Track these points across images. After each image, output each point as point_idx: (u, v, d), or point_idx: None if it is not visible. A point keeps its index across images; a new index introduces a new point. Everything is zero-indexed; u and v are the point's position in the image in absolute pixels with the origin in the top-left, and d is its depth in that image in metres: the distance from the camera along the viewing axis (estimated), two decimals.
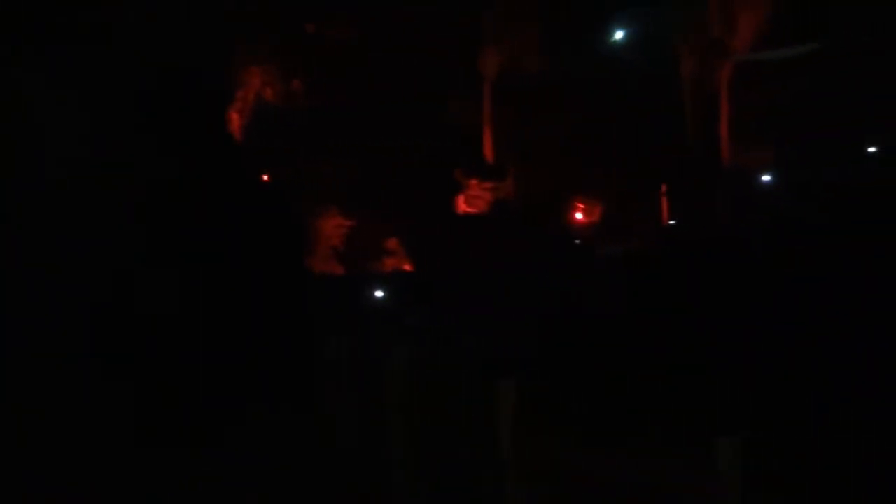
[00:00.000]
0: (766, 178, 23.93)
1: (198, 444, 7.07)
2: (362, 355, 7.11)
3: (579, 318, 11.94)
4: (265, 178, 20.20)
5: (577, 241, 24.91)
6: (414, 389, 6.28)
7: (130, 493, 6.19)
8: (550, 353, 10.03)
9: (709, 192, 23.13)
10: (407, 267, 22.86)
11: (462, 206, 25.86)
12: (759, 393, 7.99)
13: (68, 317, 8.96)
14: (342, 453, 6.96)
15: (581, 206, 26.07)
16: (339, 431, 7.06)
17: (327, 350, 7.39)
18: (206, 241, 11.24)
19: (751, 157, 24.90)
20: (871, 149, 22.93)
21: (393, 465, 6.26)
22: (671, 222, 24.51)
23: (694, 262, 15.93)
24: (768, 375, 8.50)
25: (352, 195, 21.57)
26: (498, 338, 11.03)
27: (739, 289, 12.46)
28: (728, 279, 13.19)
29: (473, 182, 25.92)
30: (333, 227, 21.13)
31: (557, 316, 12.41)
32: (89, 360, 8.44)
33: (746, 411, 7.17)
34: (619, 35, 27.45)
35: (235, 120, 19.66)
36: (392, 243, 22.71)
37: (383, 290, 18.14)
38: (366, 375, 6.86)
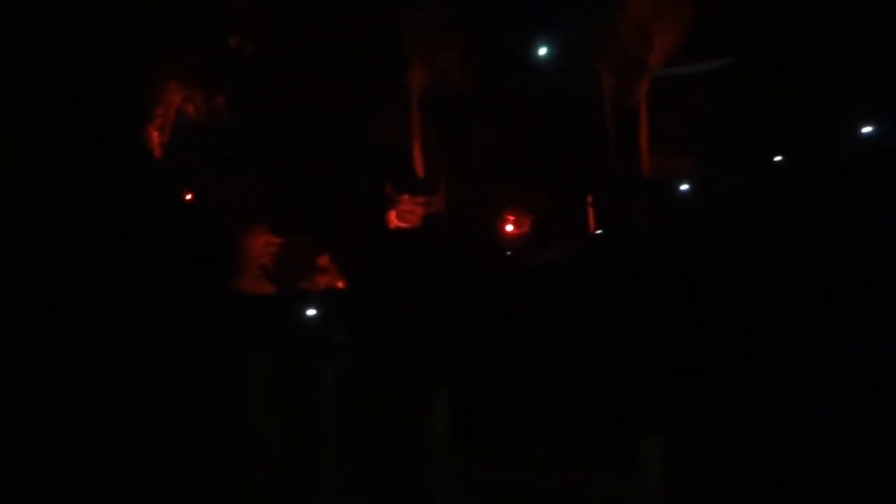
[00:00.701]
0: (684, 187, 25.04)
1: (113, 481, 6.74)
2: (290, 375, 6.96)
3: (509, 329, 12.07)
4: (188, 196, 19.62)
5: (508, 253, 25.28)
6: (343, 407, 6.19)
7: None
8: (481, 365, 10.09)
9: (631, 202, 23.95)
10: (340, 284, 22.59)
11: (394, 221, 25.84)
12: (683, 397, 8.25)
13: None
14: (271, 475, 6.77)
15: (511, 218, 26.51)
16: (267, 453, 6.87)
17: (253, 371, 7.20)
18: (119, 259, 10.80)
19: (670, 167, 26.00)
20: (777, 158, 24.38)
21: (324, 483, 6.13)
22: (598, 231, 25.22)
23: (618, 268, 16.40)
24: (691, 378, 8.80)
25: (280, 213, 21.18)
26: (429, 352, 11.02)
27: (660, 293, 12.88)
28: (649, 284, 13.63)
29: (405, 197, 25.97)
30: (262, 245, 20.65)
31: (488, 328, 12.51)
32: None
33: (669, 416, 7.39)
34: (542, 51, 28.23)
35: (155, 137, 19.00)
36: (324, 260, 22.41)
37: (315, 308, 17.86)
38: (294, 395, 6.72)
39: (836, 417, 7.26)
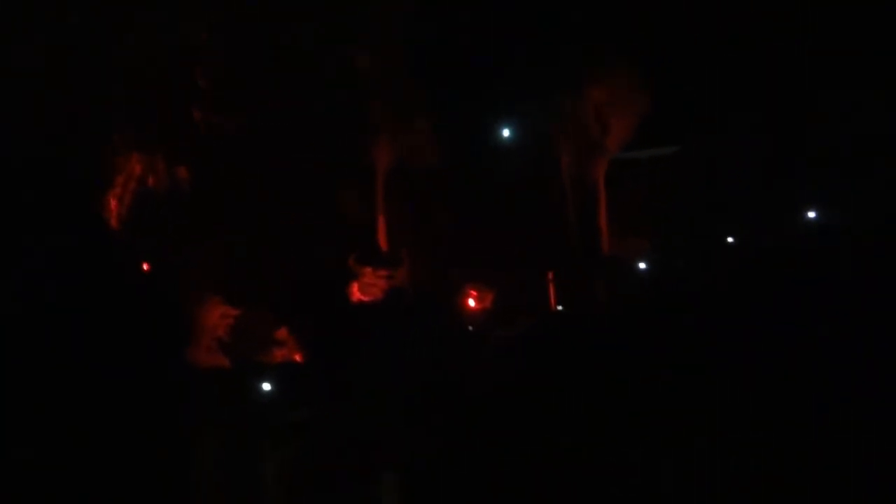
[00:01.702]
0: (641, 265, 25.64)
1: None
2: (238, 457, 6.71)
3: (468, 407, 11.90)
4: (144, 266, 19.24)
5: (469, 328, 25.22)
6: (291, 485, 5.98)
7: None
8: (437, 444, 9.86)
9: (590, 278, 24.35)
10: (298, 357, 22.08)
11: (356, 293, 25.66)
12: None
13: None
14: None
15: (474, 293, 26.61)
16: None
17: (200, 454, 6.93)
18: (68, 329, 10.48)
19: (628, 245, 26.69)
20: (730, 239, 25.34)
21: None
22: (559, 307, 25.45)
23: (579, 346, 16.50)
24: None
25: (238, 284, 20.82)
26: (386, 429, 10.76)
27: (618, 369, 12.96)
28: (608, 360, 13.73)
29: (367, 270, 25.91)
30: (219, 316, 20.15)
31: (446, 405, 12.32)
32: None
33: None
34: (506, 132, 29.22)
35: (114, 206, 18.74)
36: (282, 333, 21.96)
37: (271, 383, 17.37)
38: (242, 478, 6.47)
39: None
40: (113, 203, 18.65)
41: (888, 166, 23.49)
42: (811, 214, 24.80)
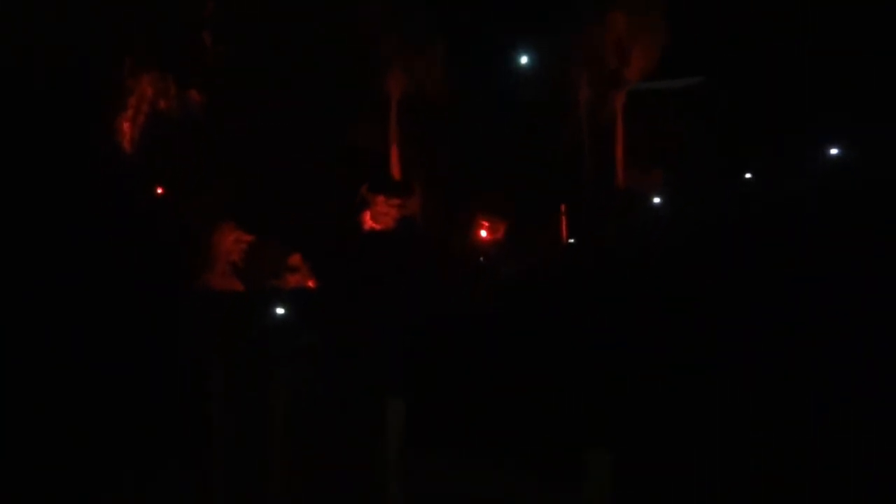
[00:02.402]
0: (656, 200, 25.42)
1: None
2: (251, 376, 6.95)
3: (475, 336, 12.17)
4: (159, 190, 19.38)
5: (481, 259, 25.40)
6: (299, 410, 6.20)
7: None
8: (443, 371, 10.15)
9: (604, 213, 24.26)
10: (310, 284, 22.47)
11: (368, 222, 25.79)
12: (634, 408, 8.43)
13: None
14: (225, 478, 6.76)
15: (485, 224, 26.63)
16: (222, 455, 6.85)
17: (213, 373, 7.17)
18: (82, 253, 10.66)
19: (643, 180, 26.39)
20: (748, 175, 24.94)
21: (276, 487, 6.14)
22: (570, 241, 25.47)
23: (587, 281, 16.62)
24: (644, 391, 8.99)
25: (253, 210, 20.97)
26: (392, 356, 11.06)
27: (626, 307, 13.10)
28: (616, 298, 13.86)
29: (380, 199, 25.93)
30: (232, 242, 20.39)
31: (454, 334, 12.59)
32: None
33: (619, 425, 7.55)
34: (522, 60, 28.46)
35: (127, 129, 18.68)
36: (295, 259, 22.26)
37: (284, 308, 17.75)
38: (251, 397, 6.71)
39: (781, 433, 7.49)
40: (126, 126, 18.60)
41: None
42: (833, 151, 24.24)
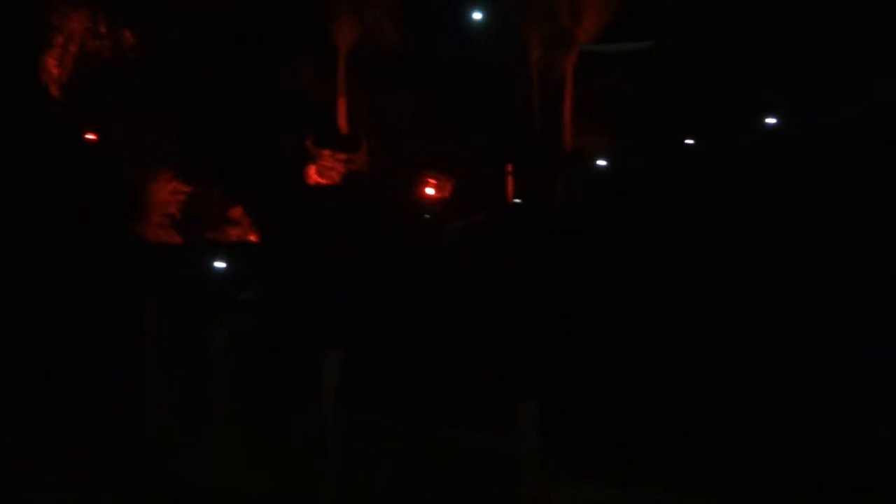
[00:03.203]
0: (601, 162, 25.73)
1: None
2: (186, 330, 6.75)
3: (418, 291, 12.17)
4: (90, 136, 18.39)
5: (426, 216, 25.31)
6: (236, 365, 6.08)
7: None
8: (386, 325, 10.14)
9: (551, 173, 24.41)
10: (252, 238, 21.94)
11: (314, 176, 25.26)
12: (563, 360, 8.64)
13: None
14: (157, 430, 6.61)
15: (433, 181, 26.48)
16: (155, 408, 6.68)
17: (147, 324, 6.93)
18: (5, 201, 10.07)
19: (589, 141, 26.63)
20: (689, 141, 25.49)
21: (214, 441, 6.04)
22: (516, 200, 25.60)
23: (529, 239, 16.78)
24: (572, 344, 9.21)
25: (192, 160, 20.13)
26: (332, 311, 10.95)
27: (567, 266, 13.30)
28: (558, 256, 14.04)
29: (326, 153, 25.38)
30: (170, 192, 19.58)
31: (397, 288, 12.56)
32: None
33: (548, 376, 7.74)
34: (475, 16, 27.96)
35: (54, 69, 17.46)
36: (237, 212, 21.64)
37: (224, 262, 17.26)
38: (187, 351, 6.54)
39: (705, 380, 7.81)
40: (52, 66, 17.40)
41: (845, 75, 23.56)
42: (771, 120, 24.98)
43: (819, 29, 24.12)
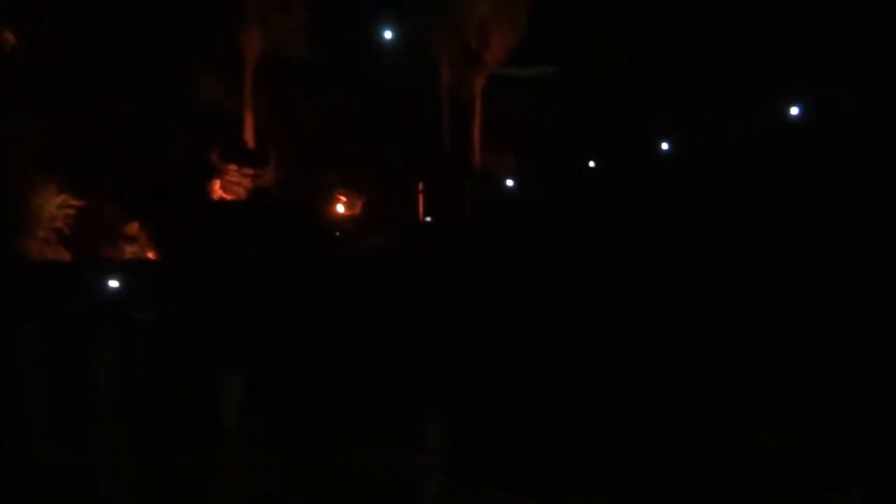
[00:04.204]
0: (508, 182, 26.47)
1: None
2: (74, 352, 6.27)
3: (324, 309, 11.97)
4: None
5: (336, 234, 25.03)
6: (128, 387, 5.71)
7: None
8: (286, 346, 9.89)
9: (460, 192, 24.80)
10: (150, 255, 20.83)
11: (218, 191, 24.40)
12: (469, 376, 8.75)
13: None
14: (44, 459, 6.10)
15: (343, 198, 26.24)
16: (39, 435, 6.16)
17: (25, 348, 6.39)
18: None
19: (497, 162, 27.35)
20: (591, 164, 26.77)
21: (104, 467, 5.62)
22: (427, 218, 25.81)
23: (440, 257, 16.96)
24: (482, 360, 9.35)
25: (83, 171, 18.85)
26: (235, 330, 10.57)
27: (475, 283, 13.54)
28: (465, 274, 14.28)
29: (232, 167, 24.59)
30: (58, 206, 18.22)
31: (300, 310, 12.30)
32: None
33: (456, 393, 7.80)
34: (385, 34, 28.16)
35: None
36: (132, 228, 20.48)
37: (118, 280, 16.27)
38: (74, 373, 6.07)
39: (608, 398, 8.11)
40: None
41: (732, 104, 25.53)
42: (664, 146, 26.64)
43: (707, 55, 26.08)
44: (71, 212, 18.64)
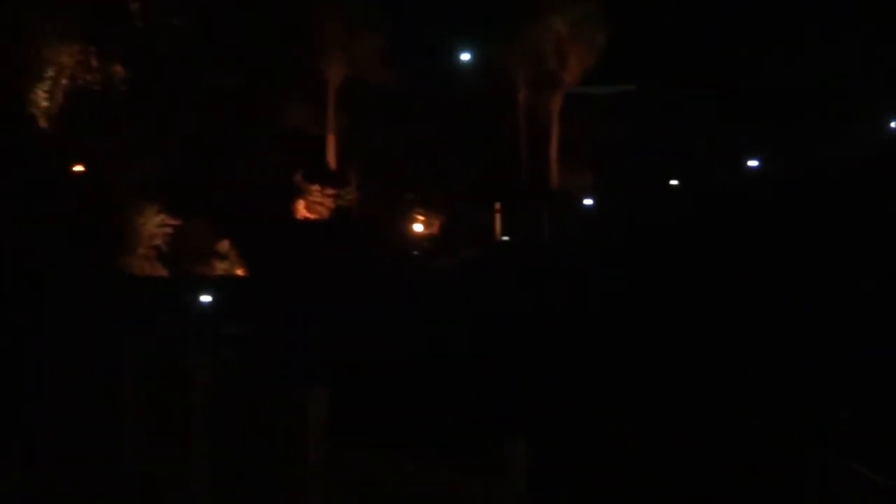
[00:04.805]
0: (587, 201, 26.12)
1: None
2: (169, 365, 6.63)
3: (404, 329, 12.13)
4: (78, 167, 18.32)
5: (415, 253, 25.38)
6: (220, 400, 5.97)
7: None
8: (372, 362, 10.07)
9: (538, 211, 24.67)
10: (239, 271, 21.80)
11: (302, 211, 25.30)
12: (554, 400, 8.62)
13: None
14: (136, 465, 6.46)
15: (421, 218, 26.65)
16: (133, 442, 6.53)
17: (126, 359, 6.80)
18: None
19: (575, 181, 27.07)
20: (673, 182, 26.03)
21: (195, 479, 5.90)
22: (504, 238, 25.80)
23: (519, 277, 16.88)
24: (562, 384, 9.20)
25: (180, 193, 20.07)
26: (319, 346, 10.87)
27: (555, 305, 13.39)
28: (546, 295, 14.13)
29: (314, 188, 25.49)
30: (157, 225, 19.45)
31: (383, 325, 12.51)
32: None
33: (537, 418, 7.70)
34: (463, 56, 28.59)
35: (43, 101, 17.40)
36: (223, 246, 21.54)
37: (210, 295, 17.10)
38: (169, 386, 6.41)
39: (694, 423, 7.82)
40: (42, 98, 17.40)
41: (823, 119, 24.33)
42: (752, 163, 25.59)
43: (797, 71, 24.98)
44: (168, 230, 19.80)
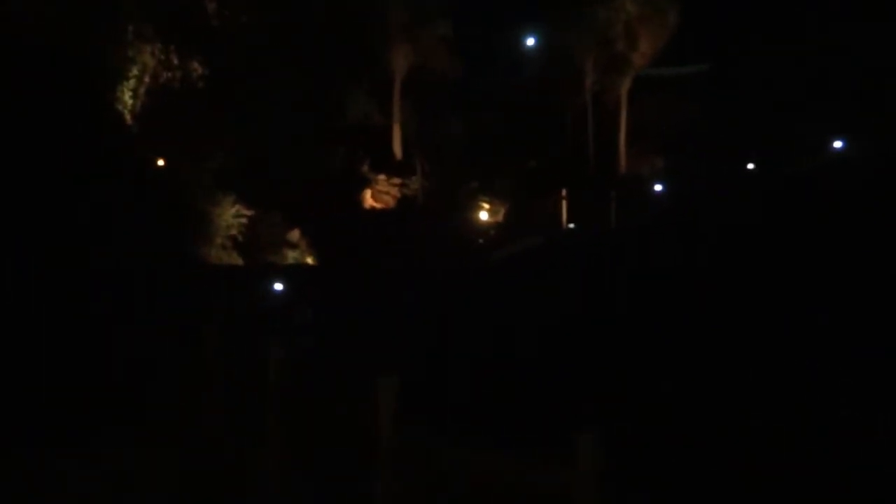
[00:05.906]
0: (658, 186, 25.33)
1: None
2: (243, 351, 6.91)
3: (468, 318, 12.16)
4: (160, 162, 19.24)
5: (480, 241, 25.36)
6: (292, 387, 6.18)
7: None
8: (439, 351, 10.16)
9: (605, 198, 24.17)
10: (309, 260, 22.41)
11: (369, 200, 25.71)
12: (623, 388, 8.46)
13: None
14: (214, 448, 6.76)
15: (486, 205, 26.58)
16: (211, 428, 6.85)
17: (206, 344, 7.14)
18: (80, 222, 10.61)
19: (645, 166, 26.27)
20: (750, 165, 24.84)
21: (270, 463, 6.14)
22: (570, 225, 25.42)
23: (586, 264, 16.60)
24: (632, 372, 9.01)
25: (253, 184, 20.83)
26: (388, 335, 11.05)
27: (623, 293, 13.11)
28: (615, 284, 13.85)
29: (381, 177, 25.83)
30: (232, 216, 20.29)
31: (449, 315, 12.58)
32: None
33: (609, 406, 7.59)
34: (528, 41, 28.19)
35: (128, 99, 18.44)
36: (294, 235, 22.20)
37: (282, 284, 17.65)
38: (244, 372, 6.69)
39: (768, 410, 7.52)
40: (127, 96, 18.39)
41: None
42: (837, 144, 24.12)
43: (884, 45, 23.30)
44: (244, 221, 20.56)
